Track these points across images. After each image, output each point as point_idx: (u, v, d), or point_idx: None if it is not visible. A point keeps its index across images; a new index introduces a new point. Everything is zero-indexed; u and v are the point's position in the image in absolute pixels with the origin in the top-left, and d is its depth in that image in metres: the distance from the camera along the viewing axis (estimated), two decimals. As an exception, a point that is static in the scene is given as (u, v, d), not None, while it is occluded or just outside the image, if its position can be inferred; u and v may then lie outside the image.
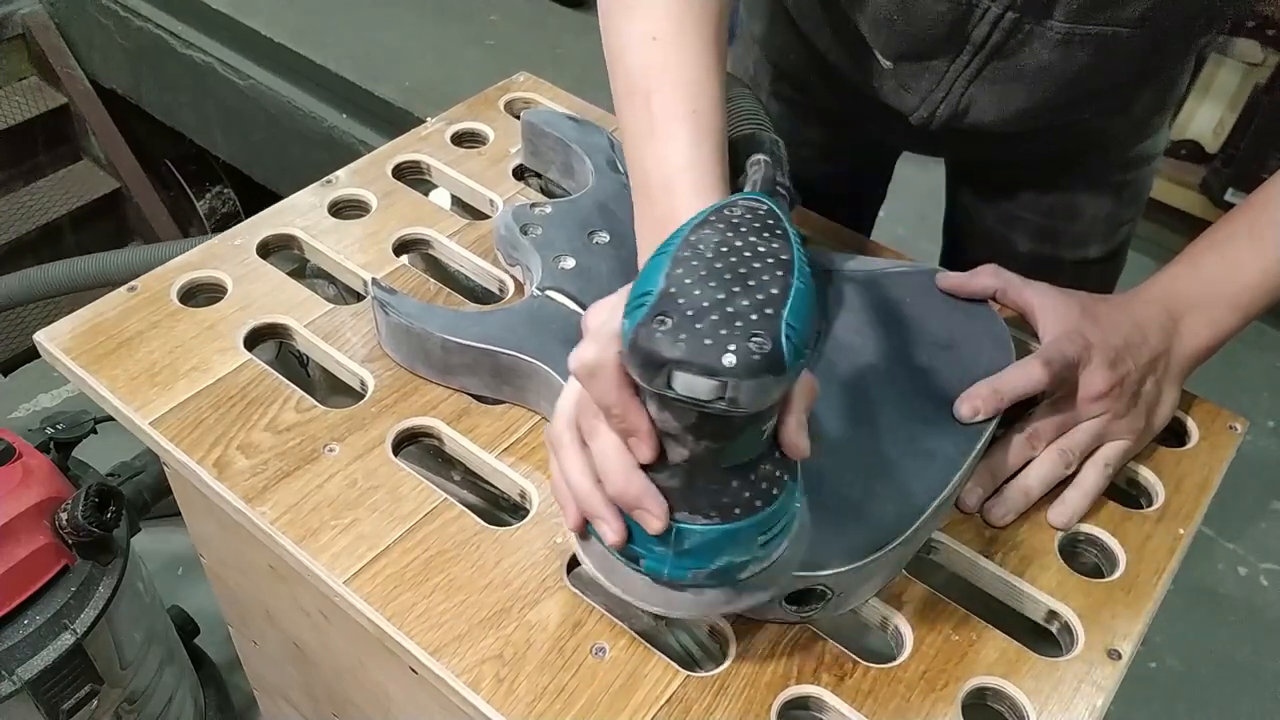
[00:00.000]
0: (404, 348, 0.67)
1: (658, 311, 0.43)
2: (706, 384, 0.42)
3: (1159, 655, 1.47)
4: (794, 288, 0.44)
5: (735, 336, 0.42)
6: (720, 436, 0.46)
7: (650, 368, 0.43)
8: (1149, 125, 0.84)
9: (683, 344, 0.42)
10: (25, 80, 2.48)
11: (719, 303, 0.43)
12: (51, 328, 0.69)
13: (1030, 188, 0.87)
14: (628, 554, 0.51)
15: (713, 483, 0.48)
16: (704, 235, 0.46)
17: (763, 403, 0.43)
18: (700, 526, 0.48)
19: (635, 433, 0.48)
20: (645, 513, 0.49)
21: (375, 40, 1.99)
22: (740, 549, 0.50)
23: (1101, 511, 0.64)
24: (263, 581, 0.73)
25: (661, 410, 0.46)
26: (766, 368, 0.42)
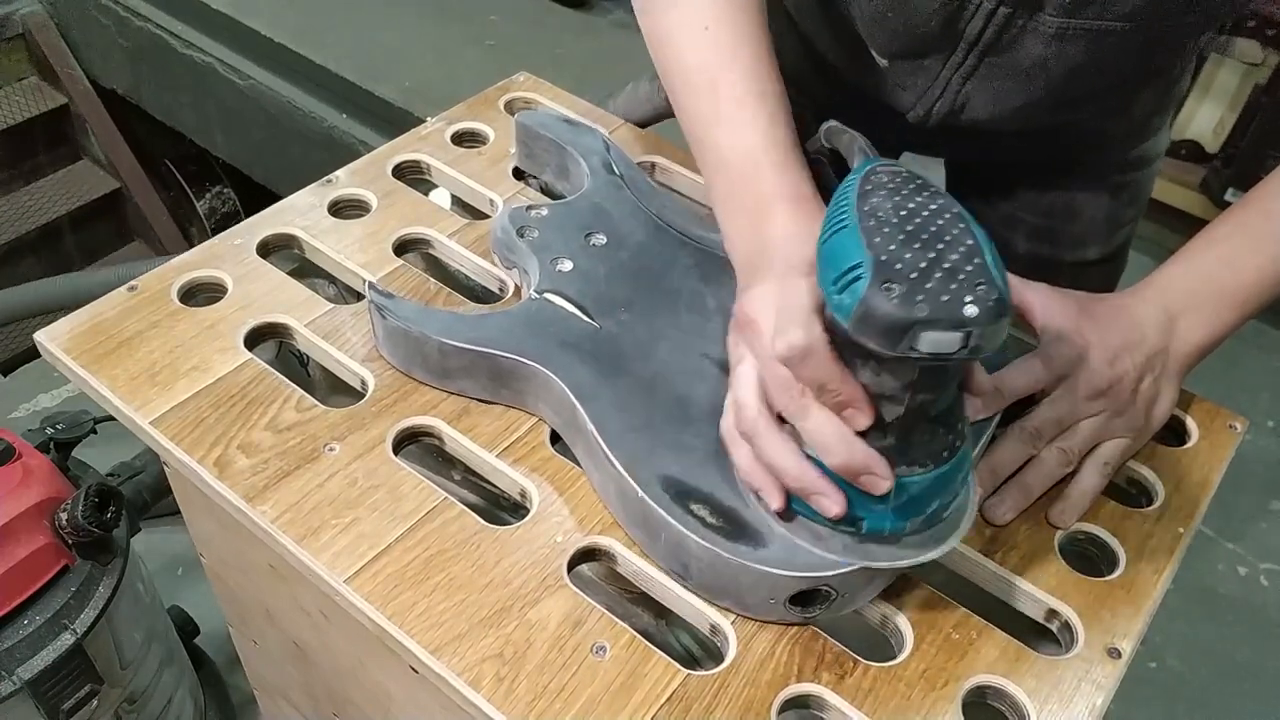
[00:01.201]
0: (401, 351, 0.67)
1: (882, 279, 0.45)
2: (953, 337, 0.45)
3: (1159, 655, 1.47)
4: (980, 236, 0.47)
5: (966, 288, 0.45)
6: (935, 388, 0.49)
7: (894, 333, 0.45)
8: (1148, 127, 0.84)
9: (923, 304, 0.45)
10: (25, 80, 2.48)
11: (933, 261, 0.46)
12: (51, 327, 0.69)
13: (1029, 188, 0.88)
14: (846, 521, 0.53)
15: (925, 434, 0.51)
16: (875, 203, 0.48)
17: (997, 344, 0.46)
18: (918, 477, 0.51)
19: (852, 402, 0.50)
20: (872, 476, 0.51)
21: (375, 40, 1.99)
22: (949, 490, 0.53)
23: (1101, 511, 0.64)
24: (263, 581, 0.73)
25: (879, 374, 0.49)
26: (1000, 312, 0.45)
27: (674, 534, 0.56)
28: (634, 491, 0.57)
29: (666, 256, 0.71)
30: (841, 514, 0.52)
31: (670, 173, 0.86)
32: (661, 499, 0.56)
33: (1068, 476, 0.63)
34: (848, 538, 0.54)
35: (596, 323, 0.66)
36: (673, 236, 0.73)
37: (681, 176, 0.86)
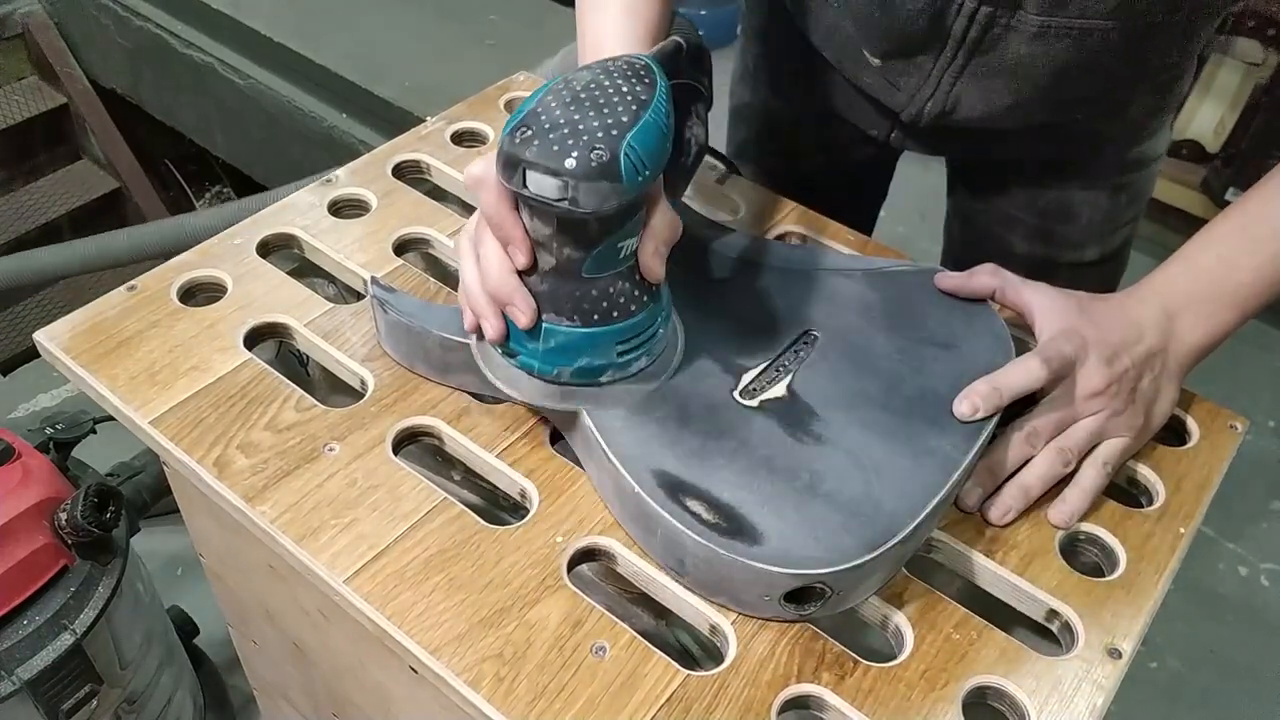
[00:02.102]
0: (403, 346, 0.67)
1: (521, 124, 0.53)
2: (552, 183, 0.52)
3: (1159, 655, 1.47)
4: (643, 119, 0.53)
5: (579, 147, 0.51)
6: (579, 244, 0.55)
7: (509, 168, 0.53)
8: (1148, 128, 0.84)
9: (535, 149, 0.52)
10: (25, 80, 2.48)
11: (573, 122, 0.52)
12: (51, 327, 0.69)
13: (1026, 188, 0.87)
14: (507, 350, 0.61)
15: (575, 290, 0.57)
16: (580, 74, 0.55)
17: (601, 206, 0.52)
18: (563, 328, 0.58)
19: (512, 240, 0.57)
20: (515, 309, 0.58)
21: (375, 40, 1.99)
22: (599, 353, 0.59)
23: (1102, 511, 0.64)
24: (262, 581, 0.73)
25: (531, 218, 0.56)
26: (601, 174, 0.51)
27: (669, 529, 0.56)
28: (630, 487, 0.57)
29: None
30: (495, 338, 0.60)
31: (670, 172, 0.86)
32: (657, 494, 0.56)
33: (1068, 476, 0.63)
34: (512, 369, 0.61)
35: None
36: None
37: (681, 176, 0.86)
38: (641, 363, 0.61)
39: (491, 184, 0.56)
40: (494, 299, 0.59)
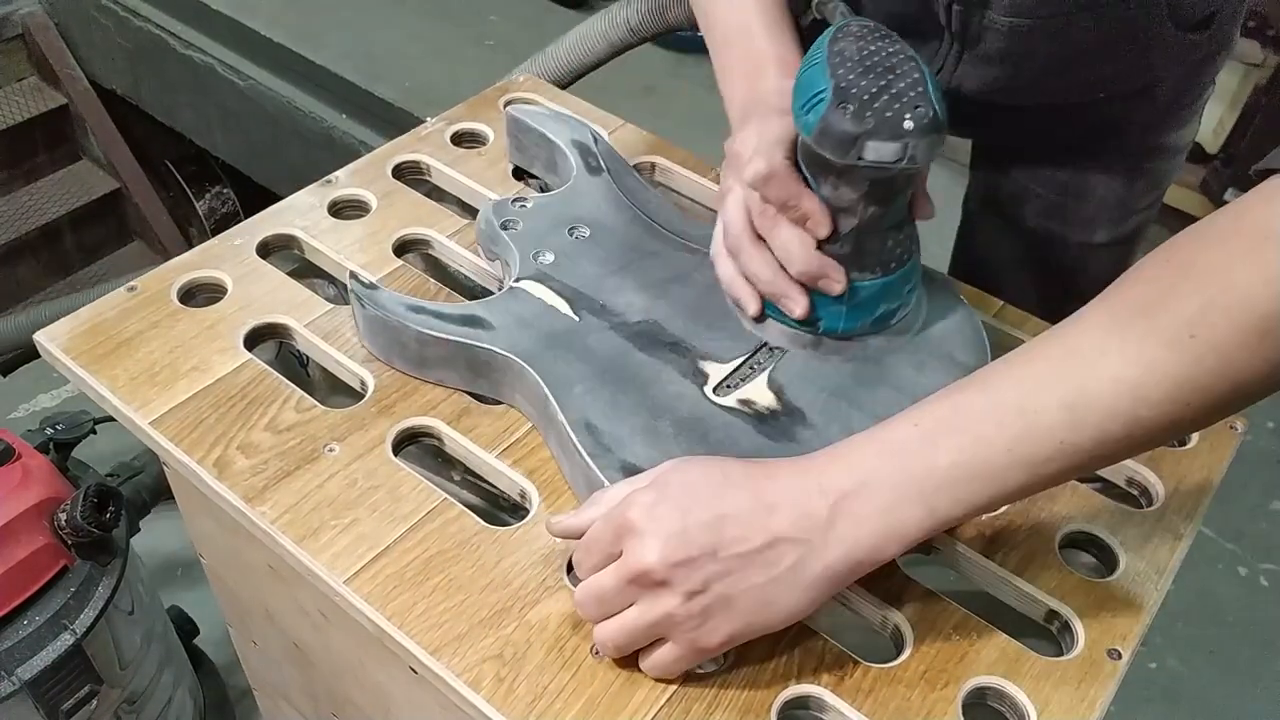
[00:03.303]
0: (381, 340, 0.67)
1: (839, 101, 0.56)
2: (893, 146, 0.56)
3: (1159, 655, 1.47)
4: (926, 72, 0.58)
5: (906, 108, 0.56)
6: (884, 201, 0.60)
7: (845, 144, 0.56)
8: (1176, 115, 0.84)
9: (870, 119, 0.55)
10: (25, 80, 2.48)
11: (883, 88, 0.56)
12: (51, 328, 0.69)
13: (1046, 163, 0.88)
14: (808, 321, 0.63)
15: (876, 244, 0.61)
16: (843, 46, 0.59)
17: (932, 156, 0.57)
18: (868, 281, 0.62)
19: (812, 215, 0.60)
20: (829, 280, 0.61)
21: (375, 40, 1.99)
22: (895, 296, 0.64)
23: (1102, 511, 0.64)
24: (262, 581, 0.73)
25: (838, 188, 0.59)
26: (934, 127, 0.56)
27: None
28: (600, 481, 0.58)
29: (649, 251, 0.72)
30: (805, 314, 0.63)
31: (670, 173, 0.86)
32: None
33: None
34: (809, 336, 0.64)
35: (576, 315, 0.66)
36: (657, 232, 0.73)
37: (681, 176, 0.86)
38: (915, 293, 0.66)
39: (785, 171, 0.60)
40: (806, 278, 0.61)
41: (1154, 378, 0.46)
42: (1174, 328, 0.45)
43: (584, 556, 0.53)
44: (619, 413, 0.61)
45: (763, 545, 0.49)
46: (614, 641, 0.52)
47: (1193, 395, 0.46)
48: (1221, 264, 0.45)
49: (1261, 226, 0.45)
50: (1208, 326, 0.45)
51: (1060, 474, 0.49)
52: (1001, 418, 0.48)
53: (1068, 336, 0.49)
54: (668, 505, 0.50)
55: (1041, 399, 0.47)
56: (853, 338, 0.65)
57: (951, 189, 1.03)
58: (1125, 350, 0.46)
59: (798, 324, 0.64)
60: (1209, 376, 0.45)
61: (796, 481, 0.50)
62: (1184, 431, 0.48)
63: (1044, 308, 0.77)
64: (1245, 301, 0.44)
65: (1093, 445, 0.47)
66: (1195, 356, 0.45)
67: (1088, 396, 0.47)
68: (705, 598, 0.49)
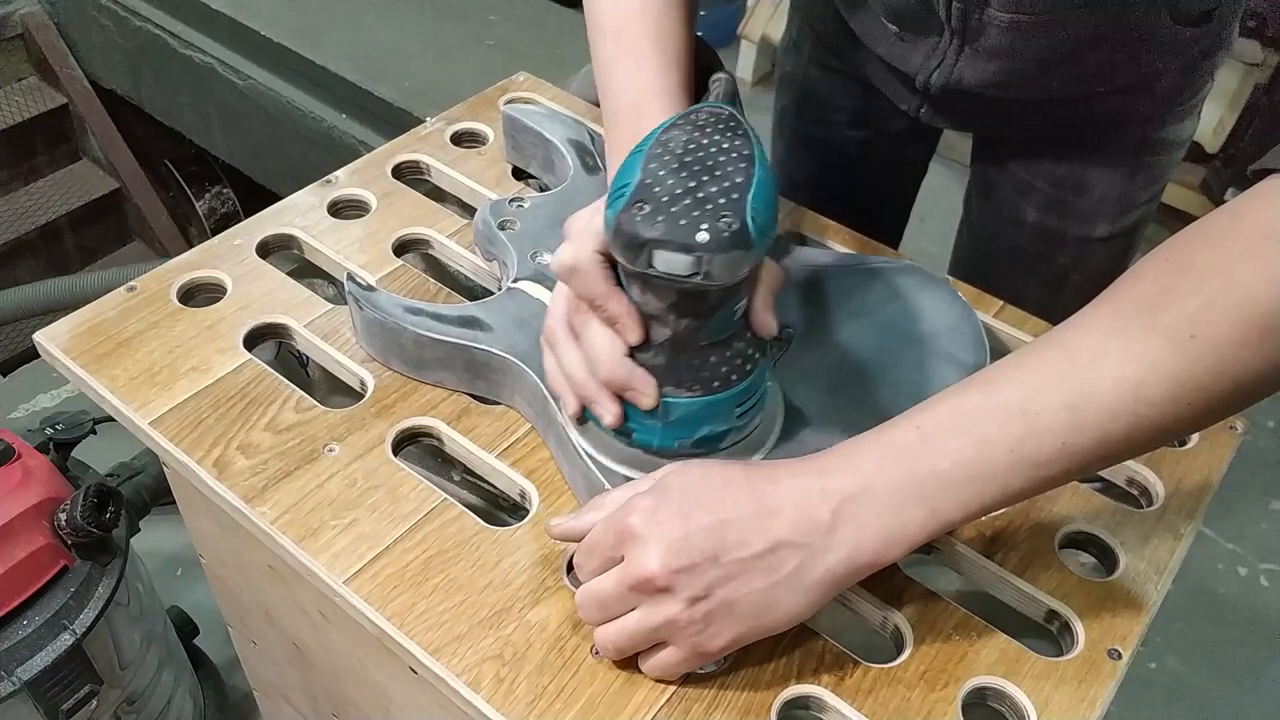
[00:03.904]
0: (378, 342, 0.67)
1: (636, 199, 0.49)
2: (684, 259, 0.48)
3: (1159, 655, 1.47)
4: (756, 177, 0.50)
5: (707, 217, 0.48)
6: (698, 314, 0.52)
7: (632, 249, 0.49)
8: (1175, 110, 0.84)
9: (661, 225, 0.48)
10: (25, 80, 2.48)
11: (690, 190, 0.50)
12: (51, 328, 0.69)
13: (1045, 157, 0.88)
14: (622, 431, 0.57)
15: (694, 359, 0.54)
16: (673, 135, 0.53)
17: (733, 276, 0.50)
18: (684, 399, 0.55)
19: (619, 319, 0.53)
20: (636, 392, 0.55)
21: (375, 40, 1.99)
22: (721, 418, 0.56)
23: (1102, 511, 0.64)
24: (262, 581, 0.73)
25: (644, 293, 0.53)
26: (735, 243, 0.48)
27: None
28: (600, 483, 0.58)
29: None
30: (615, 423, 0.56)
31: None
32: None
33: None
34: (625, 448, 0.58)
35: None
36: None
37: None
38: (756, 420, 0.59)
39: (590, 267, 0.53)
40: (611, 385, 0.55)
41: (1155, 377, 0.46)
42: (1174, 327, 0.45)
43: (585, 560, 0.53)
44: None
45: (764, 550, 0.49)
46: (615, 645, 0.52)
47: (1194, 395, 0.46)
48: (1221, 264, 0.45)
49: (1261, 226, 0.45)
50: (1208, 326, 0.45)
51: (1063, 475, 0.49)
52: (1003, 419, 0.48)
53: (1068, 338, 0.49)
54: (669, 511, 0.50)
55: (1043, 400, 0.47)
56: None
57: (953, 187, 1.03)
58: (1126, 350, 0.46)
59: (614, 434, 0.58)
60: (1210, 376, 0.45)
61: (798, 485, 0.50)
62: (1186, 431, 0.48)
63: (1043, 302, 0.78)
64: (1245, 301, 0.44)
65: (1095, 445, 0.47)
66: (1196, 356, 0.45)
67: (1089, 397, 0.47)
68: (707, 603, 0.49)
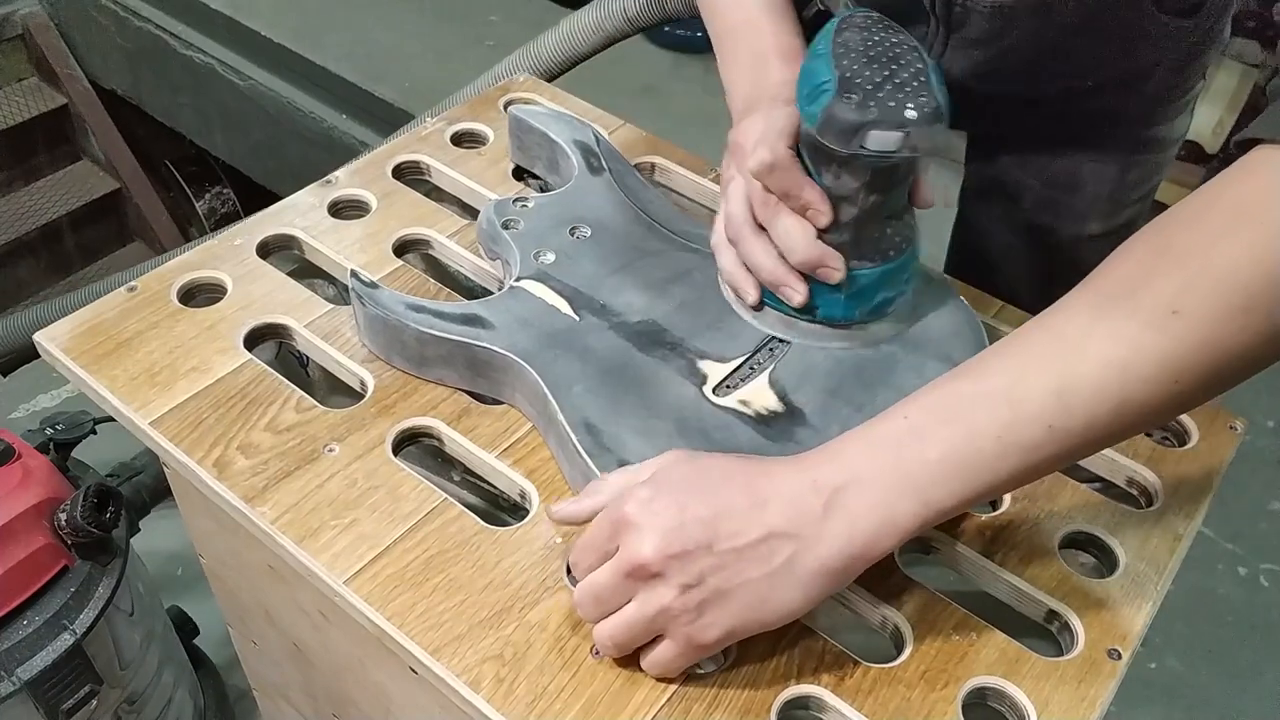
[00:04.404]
0: (381, 339, 0.67)
1: (843, 91, 0.57)
2: (896, 136, 0.56)
3: (1159, 655, 1.47)
4: (929, 61, 0.59)
5: (909, 98, 0.57)
6: (885, 189, 0.60)
7: (848, 134, 0.57)
8: (1167, 108, 0.84)
9: (874, 109, 0.56)
10: (25, 80, 2.48)
11: (886, 78, 0.57)
12: (51, 328, 0.69)
13: (1037, 155, 0.88)
14: (804, 309, 0.64)
15: (875, 233, 0.62)
16: (847, 37, 0.60)
17: (933, 147, 0.57)
18: (867, 270, 0.63)
19: (813, 204, 0.60)
20: (828, 269, 0.61)
21: (375, 40, 1.99)
22: (893, 285, 0.64)
23: (1101, 511, 0.64)
24: (262, 581, 0.73)
25: (840, 176, 0.60)
26: (936, 117, 0.57)
27: None
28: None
29: (650, 251, 0.72)
30: (803, 302, 0.63)
31: (670, 173, 0.86)
32: None
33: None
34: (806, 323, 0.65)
35: (576, 314, 0.66)
36: (658, 232, 0.73)
37: (680, 176, 0.86)
38: (913, 283, 0.67)
39: (787, 162, 0.60)
40: (805, 266, 0.62)
41: (1140, 357, 0.46)
42: (1156, 306, 0.45)
43: (581, 556, 0.53)
44: (618, 412, 0.61)
45: (758, 539, 0.49)
46: (612, 638, 0.52)
47: (1180, 373, 0.46)
48: (1202, 241, 0.46)
49: (1240, 202, 0.46)
50: (1190, 302, 0.45)
51: (1052, 460, 0.48)
52: (990, 406, 0.48)
53: (1053, 322, 0.49)
54: (665, 501, 0.50)
55: (1029, 384, 0.47)
56: (851, 327, 0.65)
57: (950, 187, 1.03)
58: (1110, 331, 0.46)
59: (796, 312, 0.65)
60: (1194, 353, 0.45)
61: (791, 477, 0.50)
62: (1175, 412, 0.48)
63: (1037, 300, 0.77)
64: (1226, 276, 0.44)
65: (1083, 428, 0.47)
66: (1179, 333, 0.45)
67: (1075, 379, 0.47)
68: (700, 591, 0.49)
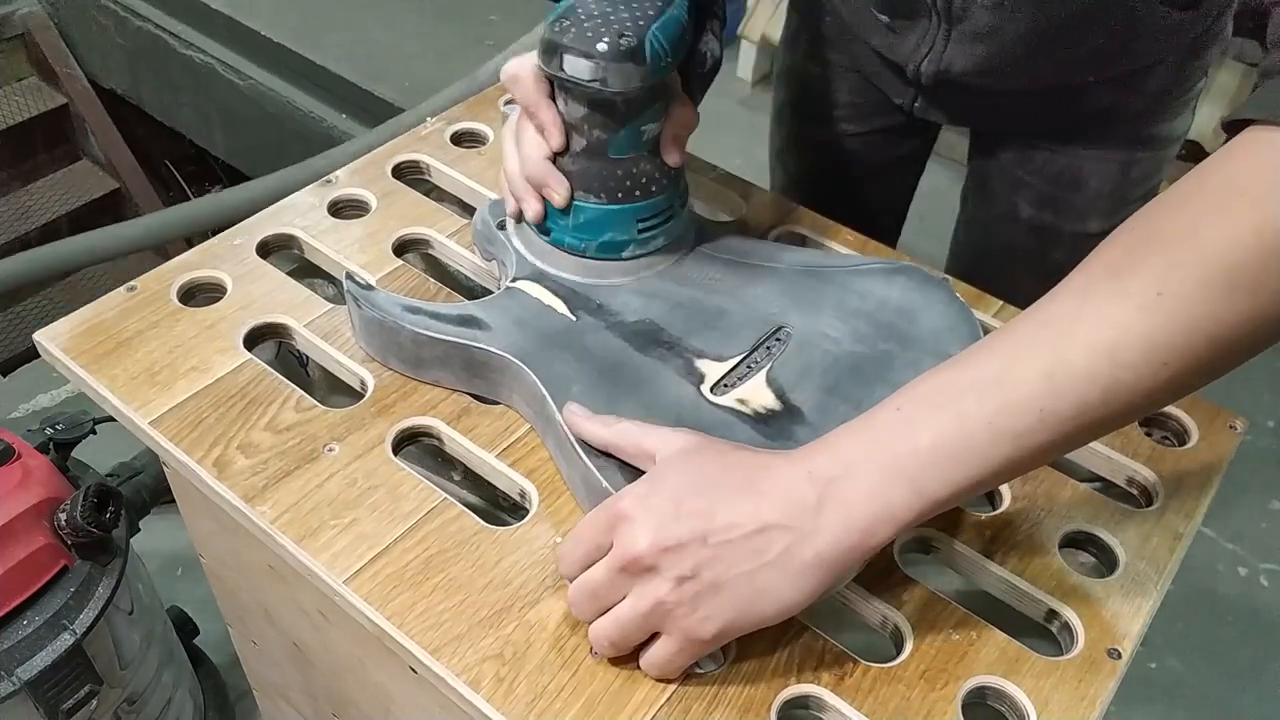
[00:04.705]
0: (377, 341, 0.67)
1: (561, 16, 0.61)
2: (585, 64, 0.60)
3: (1159, 655, 1.47)
4: (666, 15, 0.61)
5: (610, 33, 0.60)
6: (606, 127, 0.63)
7: (549, 54, 0.61)
8: (1168, 106, 0.85)
9: (571, 35, 0.60)
10: (25, 80, 2.48)
11: (605, 14, 0.61)
12: (51, 328, 0.69)
13: (1039, 152, 0.88)
14: (542, 229, 0.68)
15: (603, 169, 0.65)
16: None
17: (627, 86, 0.60)
18: (591, 204, 0.66)
19: (546, 125, 0.64)
20: (550, 189, 0.65)
21: (375, 40, 1.99)
22: (622, 228, 0.67)
23: (1101, 511, 0.64)
24: (262, 581, 0.73)
25: (565, 102, 0.64)
26: (628, 57, 0.59)
27: None
28: (598, 482, 0.58)
29: None
30: (536, 219, 0.68)
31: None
32: (621, 487, 0.56)
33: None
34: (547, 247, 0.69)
35: (573, 314, 0.66)
36: None
37: (681, 176, 0.86)
38: (659, 241, 0.69)
39: (529, 76, 0.63)
40: (532, 182, 0.66)
41: (1128, 339, 0.46)
42: (1142, 288, 0.46)
43: (573, 548, 0.53)
44: (616, 412, 0.60)
45: (752, 531, 0.49)
46: (608, 637, 0.52)
47: (1168, 354, 0.46)
48: (1187, 224, 0.46)
49: (1228, 183, 0.46)
50: (1175, 283, 0.45)
51: (1045, 448, 0.48)
52: (981, 393, 0.48)
53: (1043, 309, 0.50)
54: (661, 496, 0.50)
55: (1019, 370, 0.48)
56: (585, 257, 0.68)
57: (952, 188, 1.03)
58: (1098, 315, 0.46)
59: (537, 229, 0.69)
60: (1182, 334, 0.45)
61: (787, 470, 0.50)
62: (1167, 397, 0.47)
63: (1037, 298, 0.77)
64: (1211, 257, 0.44)
65: (1074, 413, 0.47)
66: (1166, 315, 0.45)
67: (1065, 364, 0.47)
68: (695, 584, 0.49)
